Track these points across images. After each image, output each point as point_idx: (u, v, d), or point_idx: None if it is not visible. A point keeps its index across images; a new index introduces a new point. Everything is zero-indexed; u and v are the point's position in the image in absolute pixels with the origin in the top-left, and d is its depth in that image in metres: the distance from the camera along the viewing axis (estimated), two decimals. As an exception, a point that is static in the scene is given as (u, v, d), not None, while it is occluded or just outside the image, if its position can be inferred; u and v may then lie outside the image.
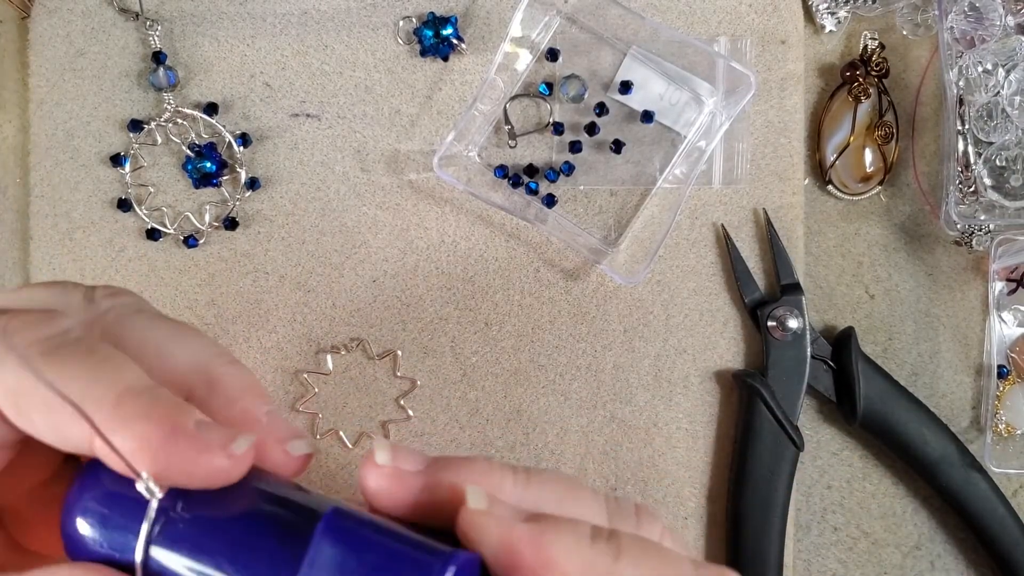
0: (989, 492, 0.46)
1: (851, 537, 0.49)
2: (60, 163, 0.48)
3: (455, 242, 0.48)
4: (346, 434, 0.48)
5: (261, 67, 0.48)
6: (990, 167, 0.46)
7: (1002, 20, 0.45)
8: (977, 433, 0.49)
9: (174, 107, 0.47)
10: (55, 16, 0.47)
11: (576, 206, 0.48)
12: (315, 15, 0.48)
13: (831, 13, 0.48)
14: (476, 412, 0.48)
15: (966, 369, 0.49)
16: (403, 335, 0.48)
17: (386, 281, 0.48)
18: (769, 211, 0.48)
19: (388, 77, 0.48)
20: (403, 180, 0.48)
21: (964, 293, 0.49)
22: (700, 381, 0.48)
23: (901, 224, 0.49)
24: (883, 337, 0.49)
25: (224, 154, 0.48)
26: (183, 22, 0.48)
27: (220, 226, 0.48)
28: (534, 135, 0.48)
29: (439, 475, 0.25)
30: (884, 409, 0.46)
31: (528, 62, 0.47)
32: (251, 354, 0.47)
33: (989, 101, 0.46)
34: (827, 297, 0.49)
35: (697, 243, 0.48)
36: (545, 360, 0.48)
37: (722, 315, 0.48)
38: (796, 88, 0.48)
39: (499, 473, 0.25)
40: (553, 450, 0.48)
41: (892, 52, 0.49)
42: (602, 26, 0.47)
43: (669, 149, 0.47)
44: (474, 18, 0.48)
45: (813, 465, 0.49)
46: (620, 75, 0.47)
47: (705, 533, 0.48)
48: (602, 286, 0.48)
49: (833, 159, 0.48)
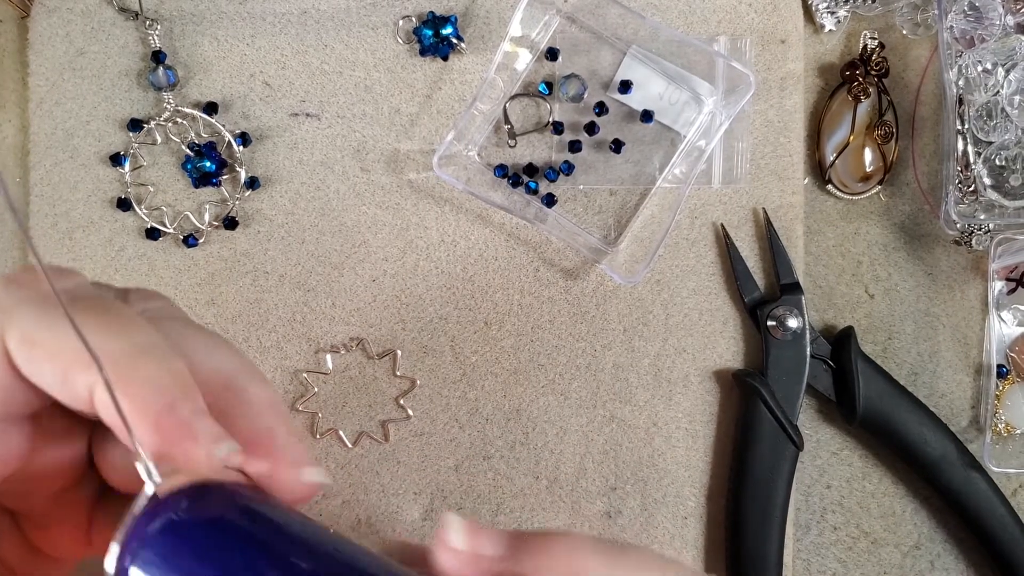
0: (989, 491, 0.46)
1: (851, 536, 0.49)
2: (60, 162, 0.48)
3: (455, 242, 0.48)
4: (346, 433, 0.48)
5: (261, 66, 0.48)
6: (990, 167, 0.46)
7: (1002, 20, 0.45)
8: (977, 432, 0.49)
9: (174, 106, 0.47)
10: (55, 15, 0.47)
11: (576, 206, 0.48)
12: (315, 14, 0.48)
13: (831, 12, 0.48)
14: (476, 411, 0.48)
15: (966, 368, 0.49)
16: (403, 334, 0.48)
17: (386, 281, 0.48)
18: (769, 211, 0.48)
19: (388, 76, 0.48)
20: (403, 180, 0.48)
21: (964, 293, 0.49)
22: (700, 381, 0.48)
23: (901, 224, 0.49)
24: (883, 337, 0.49)
25: (224, 153, 0.48)
26: (183, 21, 0.48)
27: (220, 225, 0.48)
28: (534, 134, 0.48)
29: (520, 562, 0.24)
30: (884, 409, 0.46)
31: (528, 61, 0.47)
32: (251, 354, 0.47)
33: (989, 101, 0.46)
34: (827, 297, 0.49)
35: (697, 243, 0.48)
36: (545, 360, 0.48)
37: (722, 315, 0.48)
38: (796, 88, 0.48)
39: (584, 555, 0.24)
40: (553, 450, 0.48)
41: (892, 52, 0.49)
42: (602, 25, 0.47)
43: (669, 149, 0.47)
44: (474, 17, 0.48)
45: (813, 465, 0.49)
46: (620, 74, 0.47)
47: (705, 533, 0.48)
48: (602, 286, 0.48)
49: (833, 159, 0.48)
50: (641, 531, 0.48)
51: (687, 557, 0.48)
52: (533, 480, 0.48)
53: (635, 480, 0.48)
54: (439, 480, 0.48)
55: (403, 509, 0.48)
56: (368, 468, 0.48)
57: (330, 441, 0.48)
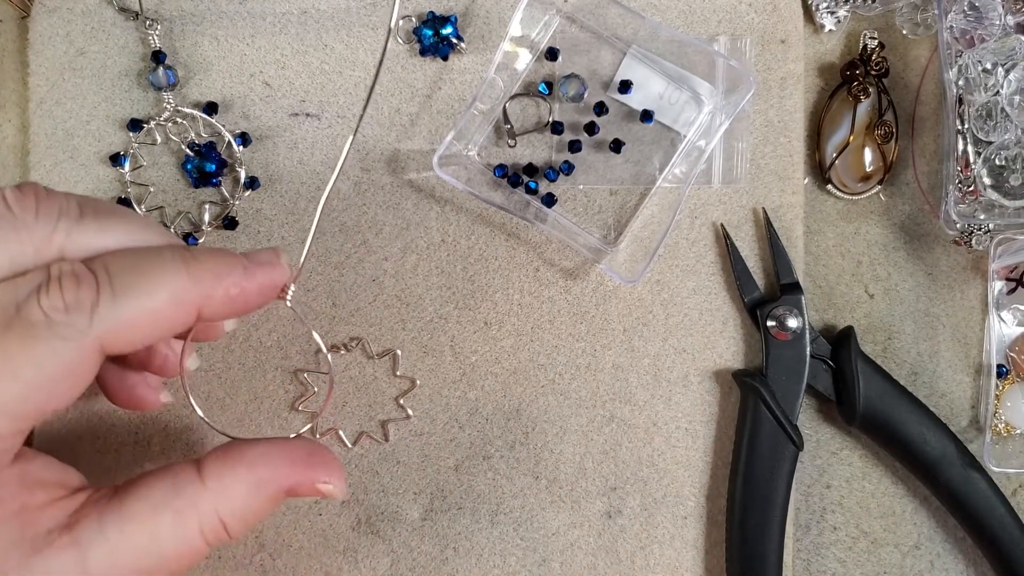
0: (988, 491, 0.46)
1: (850, 536, 0.49)
2: (60, 162, 0.48)
3: (455, 241, 0.48)
4: (345, 433, 0.48)
5: (261, 66, 0.48)
6: (989, 166, 0.46)
7: (1002, 19, 0.45)
8: (976, 432, 0.49)
9: (173, 106, 0.47)
10: (55, 15, 0.47)
11: (576, 205, 0.48)
12: (315, 14, 0.48)
13: (831, 12, 0.48)
14: (475, 411, 0.48)
15: (965, 368, 0.49)
16: (403, 334, 0.48)
17: (386, 280, 0.48)
18: (769, 210, 0.48)
19: (388, 76, 0.48)
20: (403, 179, 0.48)
21: (963, 292, 0.49)
22: (699, 380, 0.48)
23: (901, 223, 0.49)
24: (882, 336, 0.49)
25: (224, 153, 0.48)
26: (183, 21, 0.48)
27: (219, 225, 0.48)
28: (534, 134, 0.48)
29: None
30: (883, 408, 0.46)
31: (528, 61, 0.47)
32: (251, 354, 0.47)
33: (988, 100, 0.46)
34: (826, 296, 0.49)
35: (697, 242, 0.48)
36: (544, 359, 0.48)
37: (721, 314, 0.48)
38: (796, 87, 0.48)
39: None
40: (552, 449, 0.48)
41: (892, 51, 0.49)
42: (602, 25, 0.47)
43: (669, 148, 0.47)
44: (473, 17, 0.48)
45: (812, 464, 0.49)
46: (620, 74, 0.47)
47: (705, 533, 0.48)
48: (601, 285, 0.48)
49: (833, 158, 0.48)
50: (641, 531, 0.48)
51: (687, 557, 0.48)
52: (533, 480, 0.48)
53: (635, 480, 0.48)
54: (439, 480, 0.48)
55: (403, 509, 0.48)
56: (368, 468, 0.48)
57: (330, 441, 0.48)
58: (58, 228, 0.30)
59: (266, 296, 0.33)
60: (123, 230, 0.31)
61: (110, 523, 0.29)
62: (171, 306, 0.30)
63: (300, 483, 0.33)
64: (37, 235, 0.29)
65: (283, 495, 0.33)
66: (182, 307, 0.30)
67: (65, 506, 0.30)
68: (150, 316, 0.30)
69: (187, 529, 0.30)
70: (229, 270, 0.32)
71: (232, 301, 0.32)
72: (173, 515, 0.30)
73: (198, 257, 0.31)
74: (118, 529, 0.29)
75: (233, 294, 0.32)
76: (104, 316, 0.29)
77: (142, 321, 0.29)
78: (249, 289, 0.32)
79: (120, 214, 0.32)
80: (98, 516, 0.30)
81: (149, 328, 0.30)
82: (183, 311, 0.31)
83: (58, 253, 0.30)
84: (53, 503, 0.30)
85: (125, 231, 0.31)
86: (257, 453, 0.32)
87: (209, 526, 0.31)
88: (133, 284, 0.29)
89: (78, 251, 0.30)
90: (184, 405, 0.46)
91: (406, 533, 0.48)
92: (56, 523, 0.29)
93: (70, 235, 0.30)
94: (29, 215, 0.29)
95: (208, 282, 0.31)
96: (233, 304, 0.32)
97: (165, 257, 0.31)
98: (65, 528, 0.29)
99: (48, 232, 0.30)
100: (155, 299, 0.30)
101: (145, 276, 0.30)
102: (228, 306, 0.32)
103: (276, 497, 0.32)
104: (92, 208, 0.31)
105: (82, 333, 0.28)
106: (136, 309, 0.29)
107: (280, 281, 0.34)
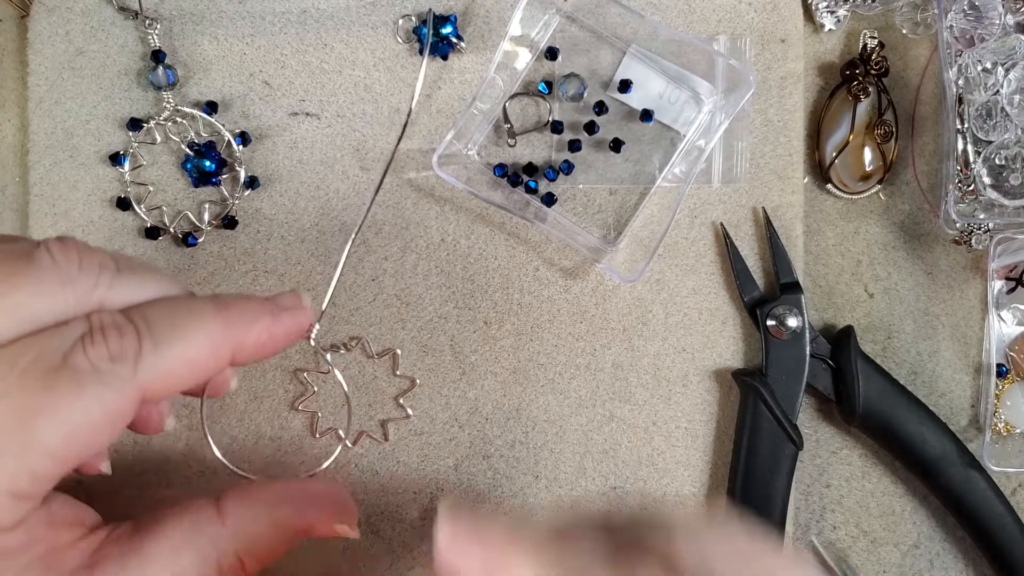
0: (988, 491, 0.46)
1: (850, 536, 0.49)
2: (59, 162, 0.47)
3: (455, 241, 0.48)
4: (345, 433, 0.48)
5: (260, 66, 0.48)
6: (989, 166, 0.46)
7: (1001, 19, 0.45)
8: (976, 432, 0.49)
9: (173, 106, 0.47)
10: (54, 15, 0.47)
11: (575, 205, 0.48)
12: (314, 14, 0.48)
13: (831, 12, 0.48)
14: (475, 411, 0.48)
15: (965, 368, 0.49)
16: (402, 334, 0.48)
17: (385, 280, 0.48)
18: (768, 210, 0.48)
19: (387, 76, 0.48)
20: (402, 179, 0.48)
21: (963, 292, 0.49)
22: (699, 380, 0.48)
23: (900, 223, 0.49)
24: (882, 336, 0.49)
25: (223, 153, 0.48)
26: (182, 21, 0.48)
27: (219, 225, 0.48)
28: (533, 134, 0.48)
29: None
30: (883, 408, 0.46)
31: (527, 61, 0.47)
32: (250, 353, 0.47)
33: (988, 100, 0.46)
34: (826, 296, 0.49)
35: (696, 242, 0.48)
36: (544, 359, 0.48)
37: (721, 314, 0.48)
38: (795, 87, 0.48)
39: None
40: (552, 449, 0.48)
41: (892, 51, 0.49)
42: (601, 25, 0.47)
43: (668, 148, 0.47)
44: (473, 17, 0.48)
45: (812, 464, 0.49)
46: (619, 74, 0.47)
47: (704, 532, 0.48)
48: (601, 285, 0.48)
49: (832, 158, 0.48)
50: (641, 530, 0.48)
51: (687, 556, 0.48)
52: (533, 479, 0.48)
53: (634, 479, 0.48)
54: (439, 479, 0.48)
55: (403, 508, 0.48)
56: (368, 468, 0.48)
57: (330, 440, 0.48)
58: (100, 281, 0.31)
59: (292, 339, 0.34)
60: (154, 282, 0.32)
61: (132, 565, 0.30)
62: (208, 353, 0.31)
63: (317, 523, 0.34)
64: (80, 287, 0.30)
65: (301, 535, 0.34)
66: (217, 353, 0.32)
67: (85, 546, 0.30)
68: (189, 363, 0.31)
69: (207, 569, 0.31)
70: (258, 316, 0.33)
71: (262, 347, 0.33)
72: (193, 555, 0.31)
73: (229, 305, 0.32)
74: (139, 570, 0.30)
75: (263, 340, 0.33)
76: (147, 365, 0.30)
77: (182, 369, 0.31)
78: (277, 334, 0.33)
79: (150, 267, 0.33)
80: (119, 557, 0.30)
81: (188, 374, 0.31)
82: (218, 357, 0.32)
83: (97, 304, 0.30)
84: (75, 543, 0.30)
85: (156, 283, 0.32)
86: (276, 493, 0.34)
87: (228, 564, 0.32)
88: (172, 334, 0.30)
89: (115, 303, 0.31)
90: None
91: (406, 533, 0.48)
92: (78, 563, 0.30)
93: (111, 288, 0.31)
94: (73, 267, 0.30)
95: (241, 328, 0.32)
96: (263, 349, 0.33)
97: (200, 306, 0.32)
98: (87, 569, 0.30)
99: (91, 285, 0.30)
100: (193, 347, 0.31)
101: (183, 326, 0.31)
102: (258, 351, 0.33)
103: (294, 537, 0.34)
104: (127, 262, 0.32)
105: (126, 382, 0.29)
106: (176, 358, 0.30)
107: (305, 324, 0.35)
